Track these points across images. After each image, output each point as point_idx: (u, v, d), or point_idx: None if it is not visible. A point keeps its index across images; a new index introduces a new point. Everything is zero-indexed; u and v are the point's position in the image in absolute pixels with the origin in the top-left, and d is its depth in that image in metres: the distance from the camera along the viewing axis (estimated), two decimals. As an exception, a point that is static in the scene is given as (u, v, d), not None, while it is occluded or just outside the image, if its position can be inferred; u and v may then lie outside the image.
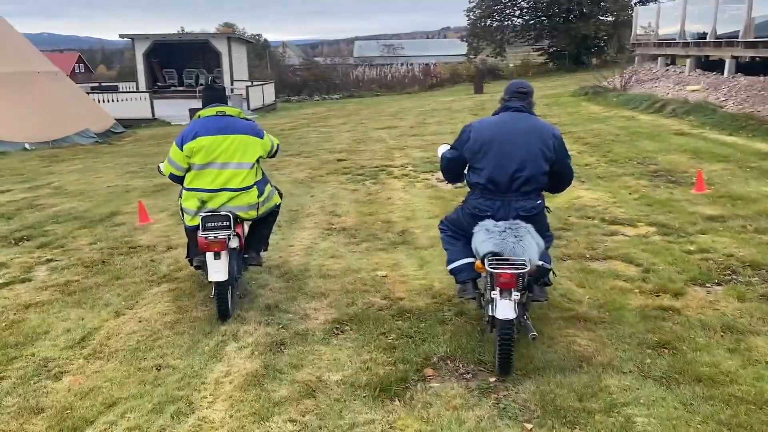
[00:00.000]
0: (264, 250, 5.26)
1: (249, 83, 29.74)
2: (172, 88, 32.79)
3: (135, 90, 29.03)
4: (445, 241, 4.23)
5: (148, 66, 32.47)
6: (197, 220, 4.50)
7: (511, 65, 42.84)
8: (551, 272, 4.03)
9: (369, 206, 7.87)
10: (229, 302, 4.49)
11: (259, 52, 63.07)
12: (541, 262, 3.68)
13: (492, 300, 3.48)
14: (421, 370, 3.70)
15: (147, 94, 24.21)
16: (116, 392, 3.52)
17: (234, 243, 4.53)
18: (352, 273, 5.37)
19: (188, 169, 4.67)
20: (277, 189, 5.18)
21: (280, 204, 5.15)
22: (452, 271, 4.11)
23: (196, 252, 4.65)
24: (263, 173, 4.96)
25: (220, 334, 4.24)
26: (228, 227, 4.42)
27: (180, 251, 6.24)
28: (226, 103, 4.91)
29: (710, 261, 5.27)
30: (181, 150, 4.60)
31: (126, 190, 9.74)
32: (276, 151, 5.08)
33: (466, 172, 4.09)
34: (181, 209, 4.80)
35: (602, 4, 37.45)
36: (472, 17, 41.57)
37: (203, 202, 4.57)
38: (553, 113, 17.56)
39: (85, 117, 18.44)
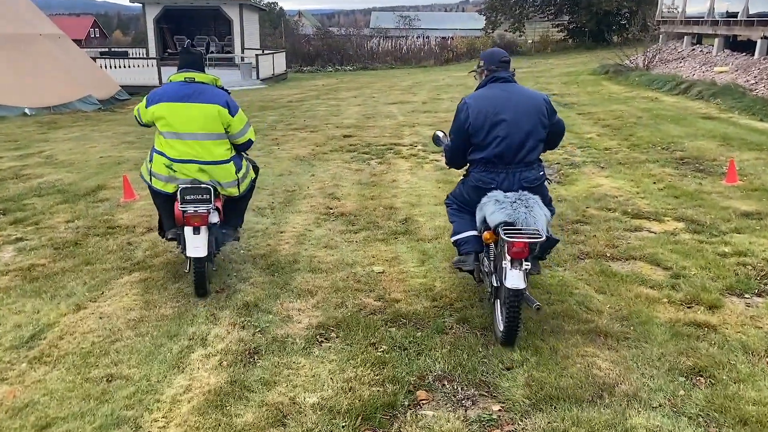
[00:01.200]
0: (239, 226, 4.97)
1: (260, 52, 29.01)
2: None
3: (144, 56, 28.36)
4: (452, 214, 4.18)
5: (159, 32, 31.78)
6: (170, 188, 4.26)
7: (529, 41, 41.63)
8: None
9: (372, 189, 7.29)
10: (207, 278, 4.28)
11: (274, 20, 62.01)
12: (549, 233, 3.66)
13: (502, 270, 3.47)
14: (413, 392, 3.17)
15: (154, 61, 23.55)
16: (54, 410, 3.01)
17: (214, 218, 4.27)
18: (346, 267, 4.82)
19: (148, 126, 4.49)
20: (252, 163, 4.88)
21: (255, 178, 4.86)
22: (457, 242, 4.06)
23: (170, 224, 4.39)
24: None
25: (186, 338, 3.72)
26: (209, 201, 4.16)
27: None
28: (202, 69, 4.51)
29: (748, 267, 4.66)
30: (147, 108, 4.36)
31: (118, 162, 9.21)
32: (246, 145, 4.60)
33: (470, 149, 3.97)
34: (150, 172, 4.39)
35: (626, -21, 36.09)
36: (492, -11, 40.35)
37: (172, 170, 4.28)
38: (572, 92, 16.81)
39: (88, 83, 17.89)
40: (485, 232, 3.68)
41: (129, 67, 23.07)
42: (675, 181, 7.26)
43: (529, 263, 3.44)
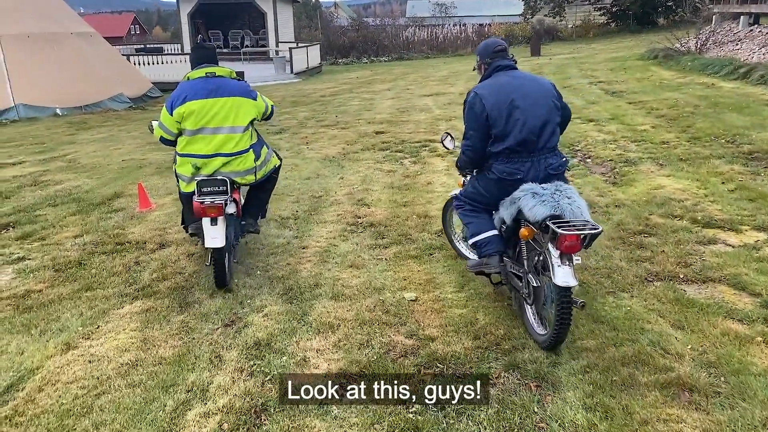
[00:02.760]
0: (262, 217, 5.03)
1: (294, 45, 28.52)
2: (217, 50, 31.88)
3: (179, 52, 28.16)
4: (466, 215, 3.97)
5: (194, 27, 31.58)
6: (192, 187, 4.27)
7: (570, 25, 40.18)
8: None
9: (404, 194, 6.65)
10: (227, 270, 4.26)
11: (310, 12, 61.55)
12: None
13: (550, 267, 3.23)
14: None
15: (187, 57, 23.26)
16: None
17: (231, 209, 4.30)
18: (373, 293, 4.20)
19: (179, 134, 4.41)
20: (275, 152, 4.87)
21: (279, 166, 4.87)
22: (477, 244, 3.85)
23: (191, 219, 4.44)
24: (258, 135, 4.69)
25: (184, 389, 3.15)
26: (225, 192, 4.21)
27: (173, 249, 5.21)
28: (217, 63, 4.54)
29: None
30: (171, 115, 4.32)
31: (139, 165, 8.78)
32: (271, 114, 4.74)
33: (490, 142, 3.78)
34: (176, 175, 4.48)
35: (674, -42, 34.41)
36: (531, -27, 39.04)
37: (197, 168, 4.31)
38: (619, 79, 15.80)
39: (119, 81, 17.64)
40: (523, 229, 3.46)
41: (162, 63, 22.79)
42: (747, 180, 6.42)
43: (579, 258, 3.27)
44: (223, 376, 3.27)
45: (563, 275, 3.17)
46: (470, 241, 3.93)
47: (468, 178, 4.21)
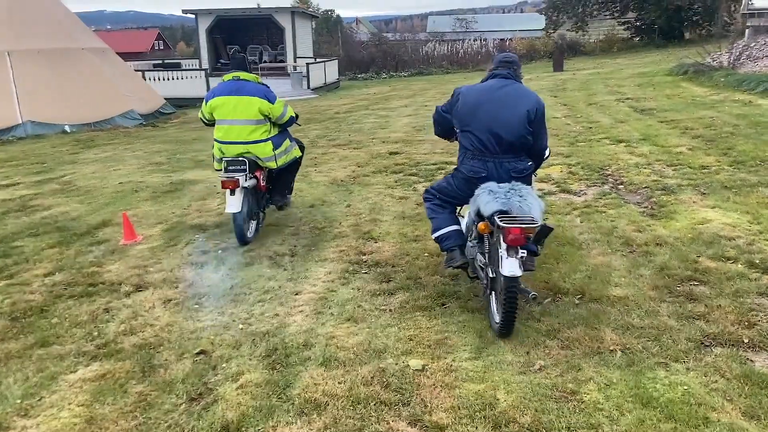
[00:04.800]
0: (289, 194, 6.33)
1: (312, 60, 28.11)
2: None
3: (197, 68, 27.85)
4: (431, 209, 4.29)
5: (212, 42, 31.38)
6: (221, 165, 5.44)
7: (592, 40, 39.35)
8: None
9: (416, 225, 5.97)
10: (246, 230, 5.44)
11: (331, 27, 61.45)
12: (543, 222, 3.64)
13: (498, 259, 3.49)
14: None
15: (202, 73, 22.92)
16: None
17: (249, 183, 5.36)
18: (373, 358, 3.51)
19: (213, 122, 5.62)
20: (297, 142, 6.08)
21: (301, 156, 6.07)
22: (438, 239, 4.19)
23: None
24: (285, 130, 5.86)
25: (124, 498, 2.49)
26: (242, 170, 5.26)
27: (149, 293, 4.59)
28: (247, 70, 5.66)
29: None
30: (206, 104, 5.58)
31: (135, 189, 8.21)
32: (288, 121, 5.73)
33: (458, 134, 4.18)
34: (213, 156, 5.75)
35: (700, -29, 33.50)
36: (554, -12, 38.32)
37: (222, 152, 5.52)
38: (648, 95, 15.02)
39: (131, 97, 17.25)
40: (480, 223, 3.72)
41: (180, 79, 22.43)
42: (806, 213, 5.65)
43: (524, 251, 3.47)
44: (176, 477, 2.61)
45: (509, 266, 3.40)
46: (433, 236, 4.25)
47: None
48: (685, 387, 3.07)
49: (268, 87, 5.63)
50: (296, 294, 4.45)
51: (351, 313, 4.10)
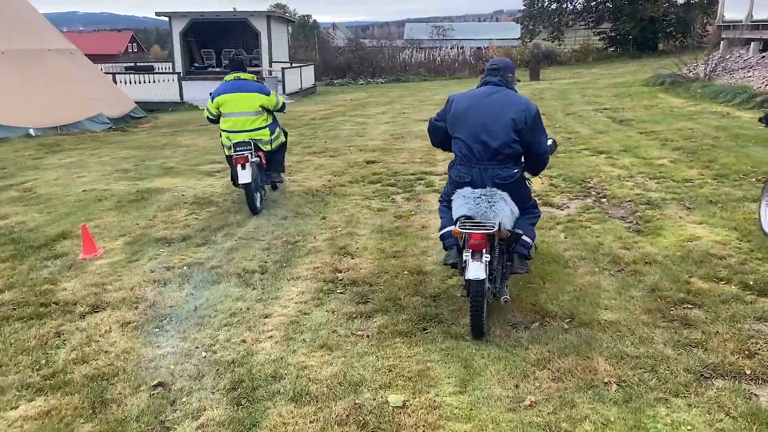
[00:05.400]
0: (282, 171, 7.42)
1: (288, 65, 27.72)
2: (210, 69, 31.07)
3: (170, 71, 27.25)
4: (440, 210, 4.37)
5: (186, 46, 30.79)
6: (230, 151, 6.51)
7: (568, 50, 39.58)
8: (533, 247, 4.13)
9: (395, 240, 5.69)
10: (257, 201, 6.54)
11: (308, 32, 61.00)
12: (515, 229, 3.81)
13: (466, 262, 3.59)
14: None
15: (175, 76, 22.39)
16: None
17: (255, 159, 6.46)
18: (348, 392, 3.21)
19: (219, 116, 6.69)
20: (283, 130, 7.22)
21: (285, 141, 7.27)
22: (441, 237, 4.23)
23: (235, 180, 6.47)
24: (274, 119, 7.01)
25: None
26: (249, 149, 6.38)
27: (106, 315, 4.23)
28: (245, 71, 6.86)
29: None
30: (212, 101, 6.65)
31: (99, 198, 7.80)
32: (282, 107, 7.00)
33: (452, 140, 4.20)
34: (222, 144, 6.86)
35: (673, -17, 33.92)
36: (530, -3, 38.49)
37: (229, 139, 6.60)
38: (626, 106, 14.97)
39: (100, 100, 16.70)
40: (453, 228, 3.79)
41: (150, 82, 21.87)
42: (794, 230, 5.48)
43: (488, 256, 3.56)
44: None
45: (473, 270, 3.50)
46: (439, 234, 4.33)
47: None
48: (689, 427, 2.82)
49: (263, 84, 6.94)
50: (265, 317, 4.13)
51: (325, 339, 3.79)
